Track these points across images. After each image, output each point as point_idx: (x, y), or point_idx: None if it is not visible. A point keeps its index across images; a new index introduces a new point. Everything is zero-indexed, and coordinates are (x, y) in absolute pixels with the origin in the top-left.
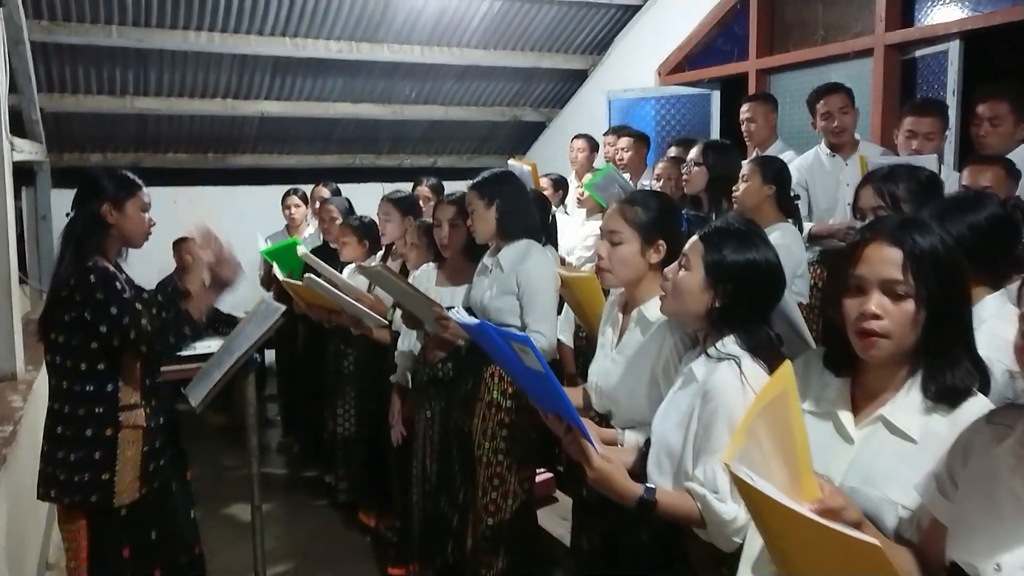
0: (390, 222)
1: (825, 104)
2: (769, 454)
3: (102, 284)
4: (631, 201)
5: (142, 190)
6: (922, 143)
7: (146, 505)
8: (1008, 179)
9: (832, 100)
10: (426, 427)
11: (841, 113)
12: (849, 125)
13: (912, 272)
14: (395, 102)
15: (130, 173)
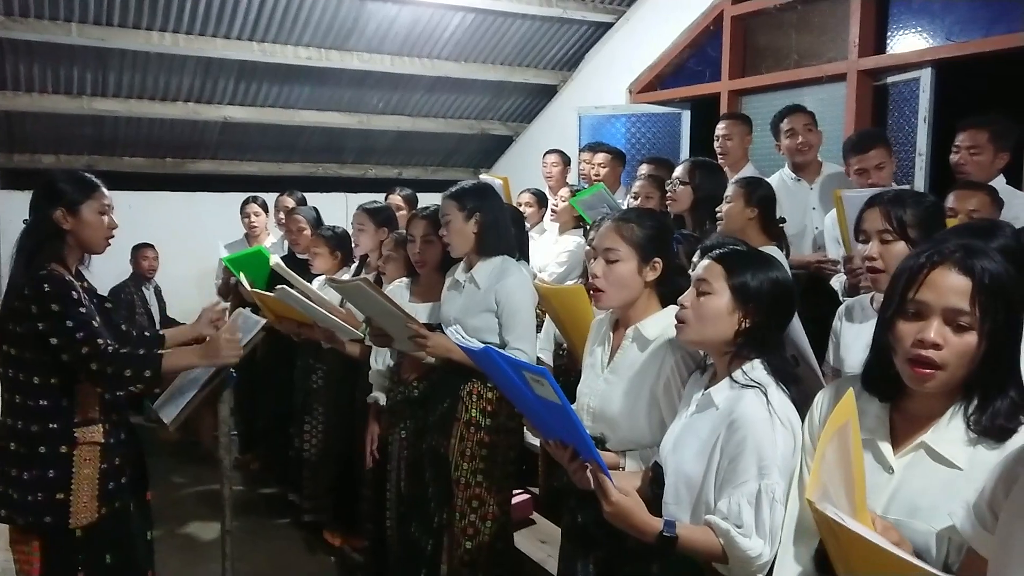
0: (364, 233)
1: (790, 122)
2: (834, 485)
3: (57, 294)
4: (627, 219)
5: (100, 192)
6: (876, 175)
7: (104, 527)
8: (992, 206)
9: (796, 119)
10: (401, 448)
11: (806, 130)
12: (814, 143)
13: (979, 304)
14: (362, 112)
15: (89, 175)
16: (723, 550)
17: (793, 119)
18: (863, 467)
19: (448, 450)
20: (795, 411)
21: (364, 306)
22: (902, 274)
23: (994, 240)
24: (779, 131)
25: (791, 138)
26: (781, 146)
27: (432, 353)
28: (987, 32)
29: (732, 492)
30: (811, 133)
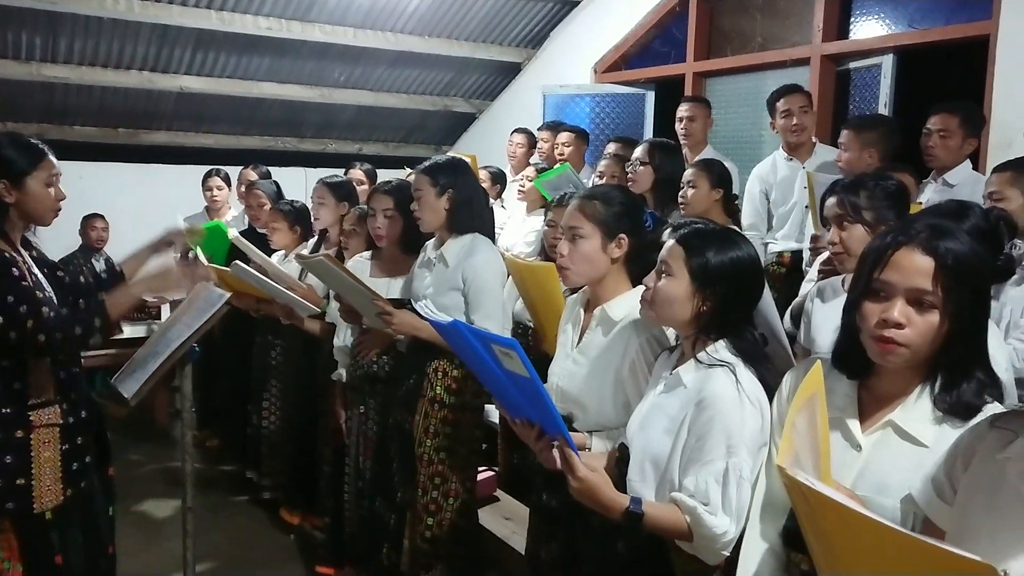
0: (324, 207)
1: (786, 102)
2: (803, 454)
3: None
4: (591, 196)
5: (48, 161)
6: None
7: (71, 508)
8: (914, 186)
9: (793, 99)
10: (360, 424)
11: (801, 112)
12: (808, 124)
13: (942, 284)
14: (323, 85)
15: (36, 142)
16: (689, 527)
17: (790, 99)
18: (828, 439)
19: (413, 426)
20: (763, 390)
21: (330, 282)
22: (869, 255)
23: (965, 221)
24: (775, 110)
25: (786, 118)
26: (776, 125)
27: (398, 330)
28: (948, 20)
29: (699, 470)
30: (806, 115)
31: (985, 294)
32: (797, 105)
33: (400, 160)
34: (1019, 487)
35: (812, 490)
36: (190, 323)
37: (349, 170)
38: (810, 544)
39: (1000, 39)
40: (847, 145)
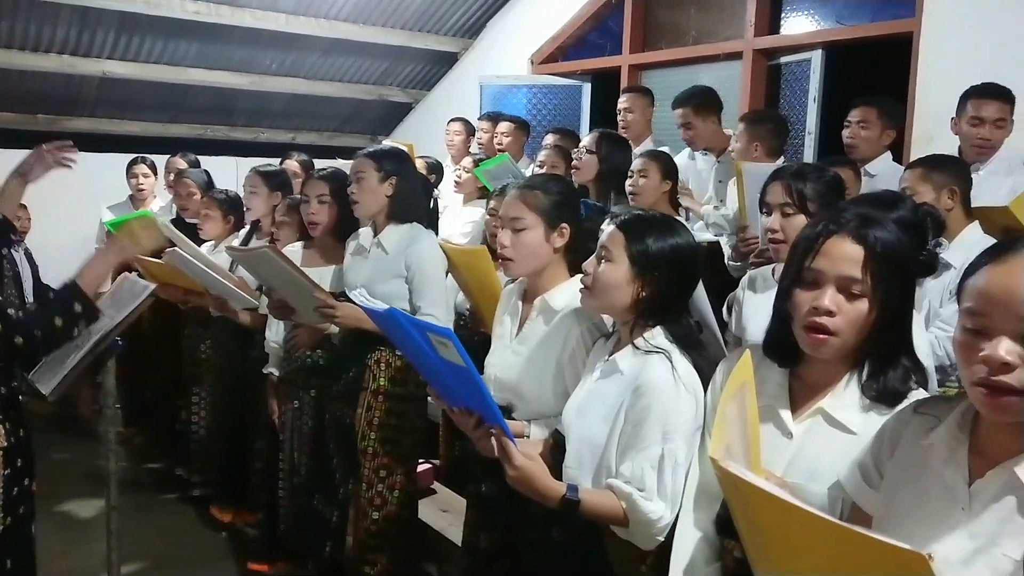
0: (256, 197)
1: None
2: (734, 444)
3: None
4: (531, 185)
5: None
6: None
7: (8, 534)
8: (855, 180)
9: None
10: (295, 419)
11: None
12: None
13: (871, 272)
14: (255, 72)
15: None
16: (625, 513)
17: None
18: (758, 428)
19: (354, 420)
20: (698, 377)
21: (266, 276)
22: (800, 243)
23: (894, 211)
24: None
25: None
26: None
27: (342, 323)
28: (874, 17)
29: (635, 456)
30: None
31: (911, 282)
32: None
33: (335, 150)
34: (941, 472)
35: (743, 480)
36: (112, 315)
37: (284, 160)
38: (742, 533)
39: (923, 36)
40: (739, 136)
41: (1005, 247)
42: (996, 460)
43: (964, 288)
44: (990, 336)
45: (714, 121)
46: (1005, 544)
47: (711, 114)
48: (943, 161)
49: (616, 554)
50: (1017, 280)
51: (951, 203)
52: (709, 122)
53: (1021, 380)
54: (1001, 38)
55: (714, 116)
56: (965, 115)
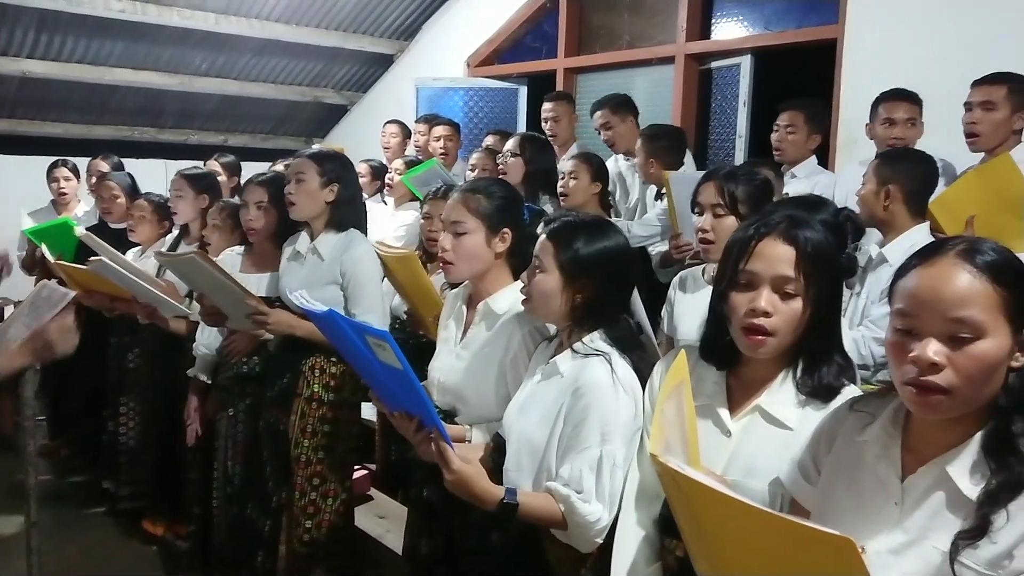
0: (183, 200)
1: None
2: (673, 441)
3: None
4: (474, 190)
5: None
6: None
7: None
8: (777, 181)
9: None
10: (229, 426)
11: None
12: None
13: (803, 271)
14: (184, 72)
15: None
16: (563, 516)
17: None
18: (696, 426)
19: (288, 427)
20: (637, 379)
21: (196, 281)
22: (733, 246)
23: (818, 213)
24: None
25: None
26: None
27: (274, 330)
28: (800, 23)
29: (574, 458)
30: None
31: (839, 281)
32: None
33: (268, 152)
34: (875, 468)
35: (683, 476)
36: (29, 324)
37: (208, 162)
38: (683, 530)
39: (846, 42)
40: (638, 151)
41: (934, 249)
42: (927, 456)
43: (895, 290)
44: (919, 337)
45: (632, 122)
46: (935, 537)
47: (628, 114)
48: (896, 157)
49: (555, 557)
50: (944, 282)
51: (888, 200)
52: (628, 122)
53: (948, 380)
54: (918, 45)
55: (631, 117)
56: (878, 119)
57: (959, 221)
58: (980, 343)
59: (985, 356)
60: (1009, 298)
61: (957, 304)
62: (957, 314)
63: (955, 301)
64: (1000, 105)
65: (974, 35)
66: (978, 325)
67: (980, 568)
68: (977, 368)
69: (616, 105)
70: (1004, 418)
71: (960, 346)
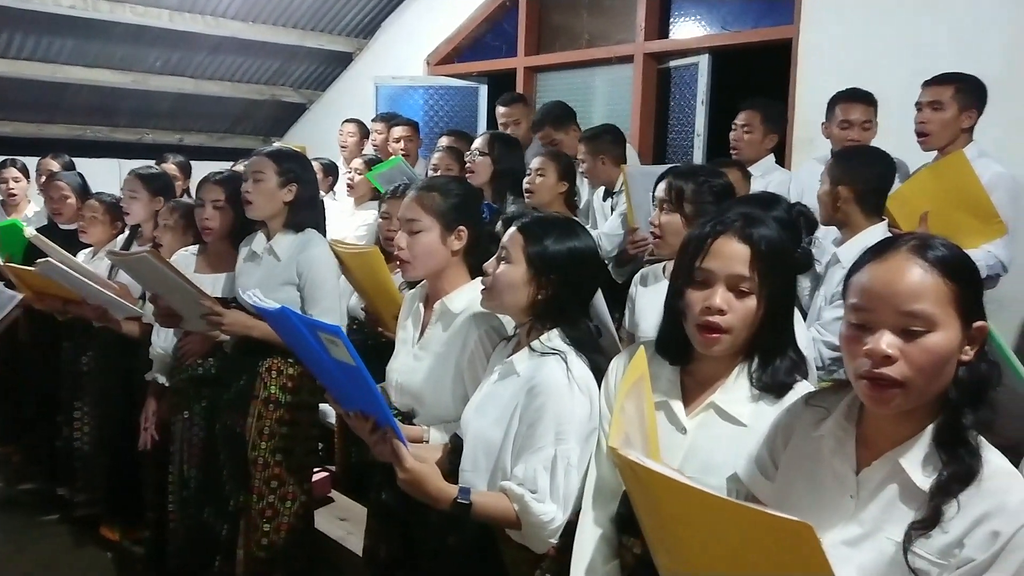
0: (136, 201)
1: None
2: (633, 436)
3: None
4: (429, 187)
5: None
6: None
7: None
8: (743, 181)
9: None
10: (185, 429)
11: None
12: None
13: (758, 269)
14: (138, 70)
15: None
16: (517, 516)
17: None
18: (655, 421)
19: (245, 429)
20: (593, 379)
21: (150, 282)
22: (689, 244)
23: (772, 211)
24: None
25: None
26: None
27: (229, 331)
28: (756, 23)
29: (529, 458)
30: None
31: (793, 278)
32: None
33: (226, 152)
34: (831, 462)
35: (643, 467)
36: None
37: (161, 163)
38: (643, 523)
39: (801, 43)
40: (583, 157)
41: (886, 245)
42: (881, 450)
43: (848, 285)
44: (873, 330)
45: (574, 130)
46: (889, 528)
47: (570, 125)
48: (848, 156)
49: (511, 559)
50: (897, 276)
51: (841, 201)
52: (571, 133)
53: (902, 372)
54: (871, 46)
55: (573, 125)
56: (834, 119)
57: (913, 217)
58: (932, 336)
59: (937, 348)
60: (959, 292)
61: (910, 297)
62: (910, 307)
63: (908, 295)
64: (948, 105)
65: (925, 35)
66: (930, 318)
67: (933, 557)
68: (929, 360)
69: (556, 119)
70: (954, 411)
71: (913, 339)
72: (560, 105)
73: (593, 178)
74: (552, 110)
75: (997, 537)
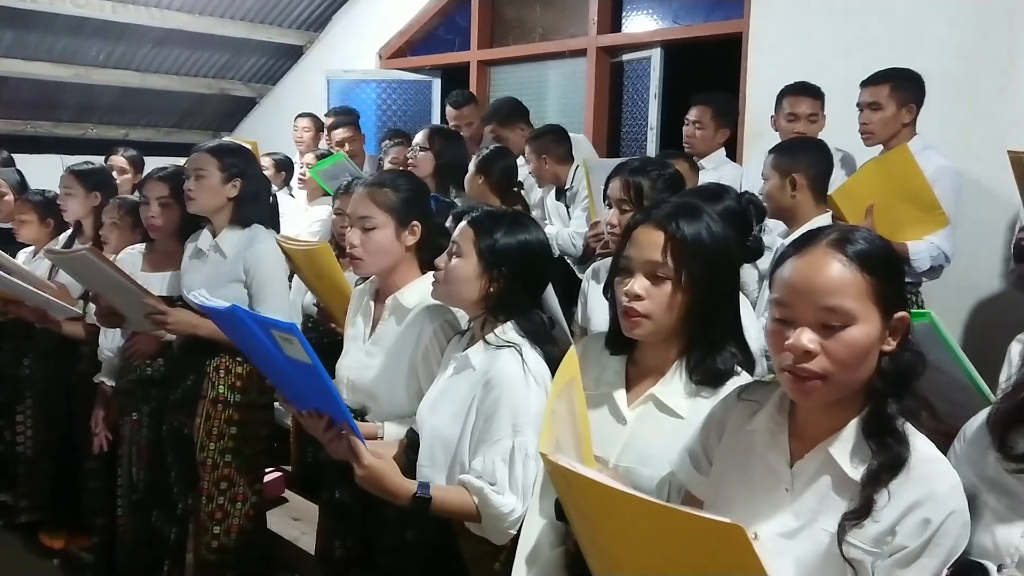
0: (73, 198)
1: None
2: (564, 439)
3: None
4: (380, 183)
5: None
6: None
7: None
8: (692, 172)
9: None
10: (133, 432)
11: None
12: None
13: (672, 256)
14: (80, 64)
15: None
16: (477, 509)
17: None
18: (588, 422)
19: (193, 430)
20: (548, 370)
21: (91, 280)
22: (622, 235)
23: (720, 203)
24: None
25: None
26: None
27: (174, 330)
28: (707, 18)
29: (486, 450)
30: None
31: (729, 268)
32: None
33: (174, 147)
34: (765, 456)
35: (572, 472)
36: None
37: (110, 157)
38: (576, 529)
39: (751, 37)
40: (528, 157)
41: (807, 239)
42: (813, 442)
43: (773, 279)
44: (794, 325)
45: (522, 128)
46: (823, 519)
47: (518, 122)
48: (792, 147)
49: (470, 552)
50: (815, 271)
51: (794, 190)
52: (518, 130)
53: (822, 366)
54: (819, 40)
55: (521, 123)
56: (782, 112)
57: (859, 210)
58: (851, 330)
59: (856, 342)
60: (878, 285)
61: (827, 293)
62: (828, 303)
63: (825, 290)
64: (885, 103)
65: (873, 30)
66: (848, 313)
67: (866, 546)
68: (849, 354)
69: (504, 117)
70: (880, 401)
71: (832, 333)
72: (509, 103)
73: (539, 178)
74: (501, 108)
75: (928, 524)
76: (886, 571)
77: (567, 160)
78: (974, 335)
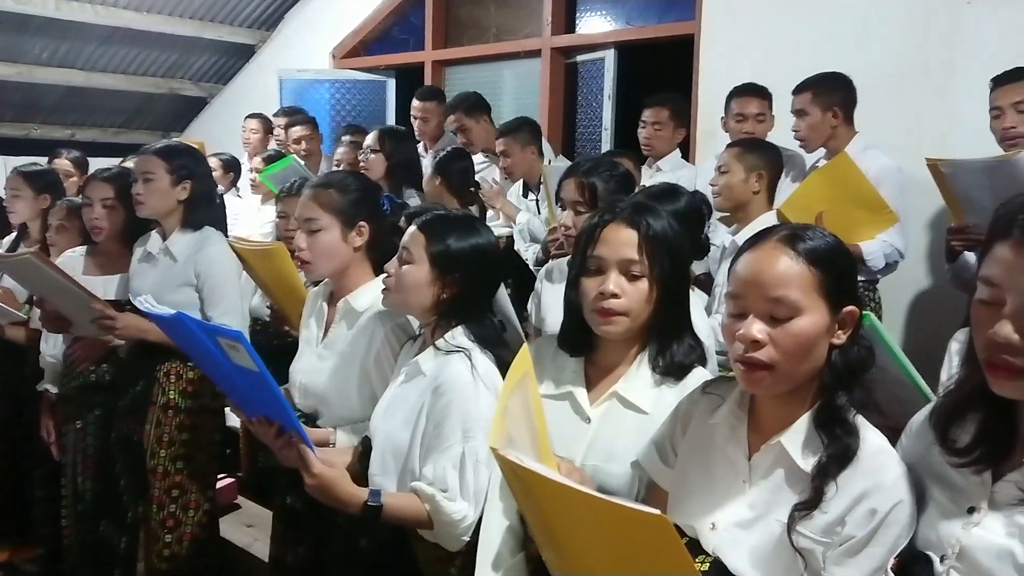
0: (20, 200)
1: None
2: (519, 436)
3: None
4: (325, 184)
5: None
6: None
7: None
8: (635, 170)
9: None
10: (78, 440)
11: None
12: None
13: (647, 252)
14: (22, 62)
15: None
16: (429, 515)
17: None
18: (544, 418)
19: (142, 437)
20: (499, 374)
21: (35, 285)
22: (583, 235)
23: (674, 203)
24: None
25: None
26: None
27: (123, 336)
28: (660, 19)
29: (437, 457)
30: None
31: (683, 263)
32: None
33: (121, 148)
34: (725, 449)
35: (521, 467)
36: None
37: (54, 159)
38: (529, 523)
39: (703, 38)
40: (506, 148)
41: (760, 235)
42: (770, 435)
43: (729, 274)
44: (745, 317)
45: (486, 121)
46: (777, 511)
47: (482, 114)
48: (758, 145)
49: (424, 558)
50: (765, 264)
51: (758, 186)
52: (482, 123)
53: (770, 355)
54: (769, 42)
55: (485, 116)
56: (731, 113)
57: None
58: (797, 321)
59: (802, 332)
60: (825, 279)
61: (775, 285)
62: (775, 294)
63: (773, 282)
64: (811, 110)
65: (823, 30)
66: (794, 304)
67: (816, 536)
68: (795, 344)
69: (469, 107)
70: (830, 393)
71: (779, 324)
72: (474, 95)
73: (513, 171)
74: (467, 98)
75: (875, 514)
76: (835, 560)
77: (541, 156)
78: (922, 331)
